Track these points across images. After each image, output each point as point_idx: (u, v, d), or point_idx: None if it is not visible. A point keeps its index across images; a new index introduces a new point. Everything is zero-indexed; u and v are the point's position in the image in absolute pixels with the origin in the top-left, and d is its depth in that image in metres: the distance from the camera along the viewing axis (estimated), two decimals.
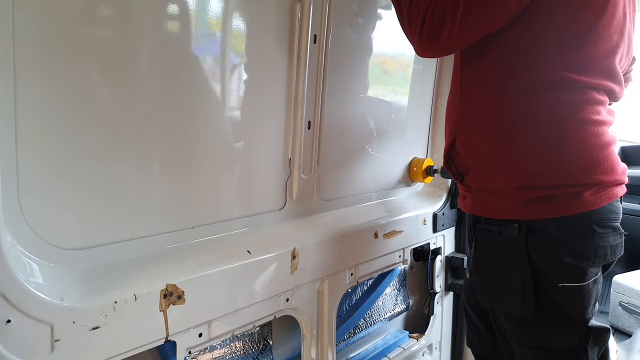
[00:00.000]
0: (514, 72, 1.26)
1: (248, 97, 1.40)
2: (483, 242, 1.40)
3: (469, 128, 1.38)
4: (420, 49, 1.27)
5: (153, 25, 1.15)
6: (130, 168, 1.16)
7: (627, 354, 2.38)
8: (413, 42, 1.27)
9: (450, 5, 1.16)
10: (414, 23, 1.23)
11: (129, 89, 1.12)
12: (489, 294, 1.41)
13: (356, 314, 1.91)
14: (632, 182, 1.50)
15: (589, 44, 1.22)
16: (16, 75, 0.93)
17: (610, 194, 1.26)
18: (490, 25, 1.21)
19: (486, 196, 1.37)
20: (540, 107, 1.24)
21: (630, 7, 1.34)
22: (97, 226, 1.12)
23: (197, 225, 1.33)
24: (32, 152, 0.98)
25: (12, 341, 0.89)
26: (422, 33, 1.22)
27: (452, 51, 1.33)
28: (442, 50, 1.28)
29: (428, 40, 1.22)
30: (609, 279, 2.88)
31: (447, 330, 2.34)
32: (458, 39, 1.21)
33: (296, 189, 1.59)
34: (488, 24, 1.20)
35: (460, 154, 1.42)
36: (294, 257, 1.46)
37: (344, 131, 1.74)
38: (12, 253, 0.92)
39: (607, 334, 1.35)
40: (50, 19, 0.98)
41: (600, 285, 1.34)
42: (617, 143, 1.33)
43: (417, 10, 1.21)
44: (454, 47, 1.28)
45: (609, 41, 1.24)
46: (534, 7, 1.18)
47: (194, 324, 1.21)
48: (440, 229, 2.16)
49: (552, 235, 1.26)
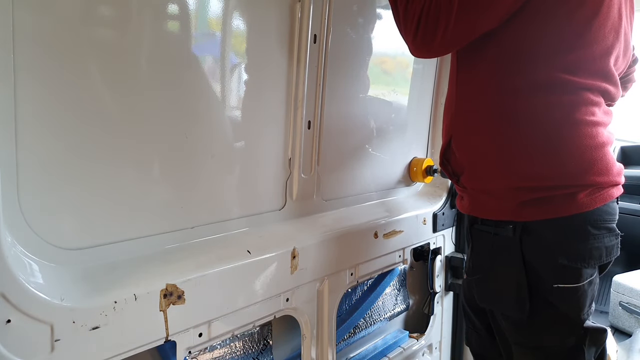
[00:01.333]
0: (508, 73, 1.26)
1: (248, 97, 1.40)
2: (479, 243, 1.41)
3: (464, 129, 1.38)
4: (415, 49, 1.27)
5: (153, 25, 1.15)
6: (130, 168, 1.16)
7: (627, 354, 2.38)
8: (408, 42, 1.27)
9: (444, 6, 1.16)
10: (409, 23, 1.23)
11: (128, 88, 1.12)
12: (486, 294, 1.42)
13: (356, 314, 1.91)
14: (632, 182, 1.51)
15: (583, 45, 1.22)
16: (16, 75, 0.93)
17: (605, 195, 1.25)
18: (485, 25, 1.21)
19: (482, 197, 1.38)
20: (535, 108, 1.24)
21: (627, 8, 1.33)
22: (97, 226, 1.12)
23: (197, 225, 1.33)
24: (32, 152, 0.98)
25: (12, 341, 0.89)
26: (417, 33, 1.21)
27: (448, 51, 1.32)
28: (437, 51, 1.28)
29: (423, 41, 1.22)
30: (609, 279, 2.88)
31: (447, 330, 2.34)
32: (453, 39, 1.21)
33: (296, 189, 1.59)
34: (483, 24, 1.20)
35: (456, 154, 1.42)
36: (294, 257, 1.47)
37: (344, 131, 1.75)
38: (12, 253, 0.92)
39: (604, 335, 1.35)
40: (50, 19, 0.98)
41: (597, 286, 1.34)
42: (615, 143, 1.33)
43: (412, 11, 1.21)
44: (449, 47, 1.28)
45: (604, 42, 1.24)
46: (528, 7, 1.18)
47: (194, 324, 1.21)
48: (440, 229, 2.16)
49: (547, 237, 1.26)
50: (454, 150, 1.42)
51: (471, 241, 1.45)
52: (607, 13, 1.22)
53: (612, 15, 1.24)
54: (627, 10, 1.33)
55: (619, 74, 1.36)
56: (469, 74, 1.35)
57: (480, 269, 1.41)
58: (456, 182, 1.47)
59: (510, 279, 1.31)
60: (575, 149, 1.23)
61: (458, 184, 1.46)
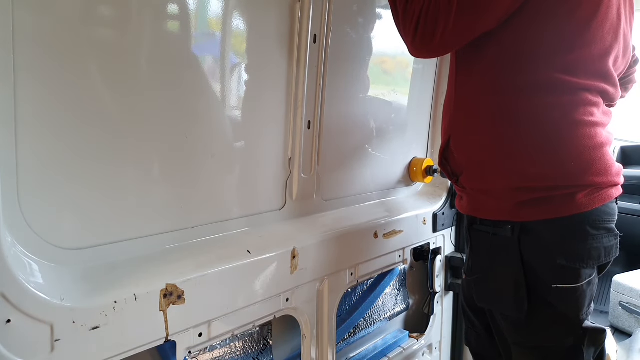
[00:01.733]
0: (507, 73, 1.26)
1: (248, 97, 1.40)
2: (478, 243, 1.41)
3: (463, 129, 1.38)
4: (414, 49, 1.27)
5: (153, 25, 1.15)
6: (130, 168, 1.16)
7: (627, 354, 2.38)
8: (407, 42, 1.27)
9: (443, 6, 1.16)
10: (408, 23, 1.23)
11: (128, 88, 1.12)
12: (484, 294, 1.42)
13: (356, 314, 1.91)
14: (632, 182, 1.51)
15: (582, 46, 1.22)
16: (16, 75, 0.93)
17: (604, 196, 1.25)
18: (484, 25, 1.21)
19: (481, 197, 1.38)
20: (533, 109, 1.24)
21: (627, 9, 1.33)
22: (97, 226, 1.12)
23: (197, 225, 1.33)
24: (32, 152, 0.98)
25: (12, 341, 0.89)
26: (416, 33, 1.21)
27: (447, 52, 1.32)
28: (436, 51, 1.28)
29: (422, 41, 1.22)
30: (609, 279, 2.88)
31: (447, 330, 2.34)
32: (451, 39, 1.21)
33: (296, 189, 1.59)
34: (481, 24, 1.20)
35: (455, 154, 1.42)
36: (294, 257, 1.47)
37: (343, 131, 1.75)
38: (12, 253, 0.92)
39: (603, 335, 1.35)
40: (50, 19, 0.98)
41: (596, 286, 1.34)
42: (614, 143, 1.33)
43: (411, 11, 1.21)
44: (448, 47, 1.28)
45: (602, 42, 1.24)
46: (528, 8, 1.18)
47: (194, 324, 1.21)
48: (440, 229, 2.16)
49: (545, 237, 1.26)
50: (452, 150, 1.43)
51: (470, 241, 1.45)
52: (605, 13, 1.22)
53: (610, 16, 1.24)
54: (627, 11, 1.33)
55: (618, 75, 1.36)
56: (469, 74, 1.35)
57: (479, 269, 1.41)
58: (455, 182, 1.47)
59: (508, 279, 1.31)
60: (574, 149, 1.23)
61: (457, 184, 1.46)
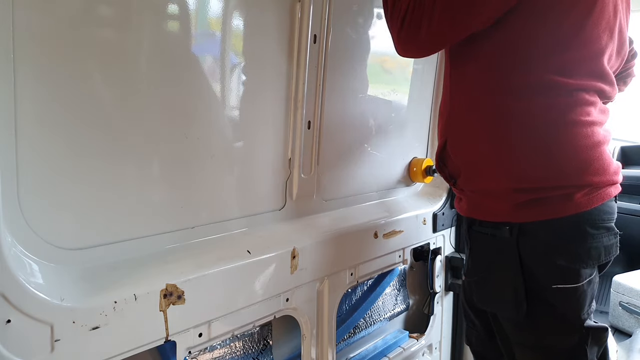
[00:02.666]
0: (502, 75, 1.25)
1: (248, 97, 1.40)
2: (477, 245, 1.41)
3: (459, 131, 1.38)
4: (400, 45, 1.26)
5: (153, 25, 1.15)
6: (130, 168, 1.16)
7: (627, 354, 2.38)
8: (394, 36, 1.26)
9: (428, 2, 1.15)
10: (395, 18, 1.22)
11: (128, 88, 1.12)
12: (483, 295, 1.42)
13: (356, 314, 1.91)
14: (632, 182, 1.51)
15: (577, 46, 1.21)
16: (16, 75, 0.93)
17: (602, 195, 1.25)
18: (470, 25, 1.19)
19: (479, 199, 1.37)
20: (529, 110, 1.23)
21: (623, 5, 1.31)
22: (97, 226, 1.12)
23: (197, 225, 1.33)
24: (32, 152, 0.98)
25: (12, 341, 0.89)
26: (402, 28, 1.20)
27: (433, 49, 1.31)
28: (421, 47, 1.26)
29: (407, 36, 1.21)
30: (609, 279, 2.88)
31: (447, 330, 2.34)
32: (436, 37, 1.20)
33: (296, 189, 1.59)
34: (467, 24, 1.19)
35: (452, 157, 1.41)
36: (293, 257, 1.47)
37: (343, 131, 1.75)
38: (12, 253, 0.92)
39: (605, 334, 1.35)
40: (50, 19, 0.98)
41: (596, 286, 1.33)
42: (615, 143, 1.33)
43: (399, 6, 1.21)
44: (434, 45, 1.26)
45: (598, 42, 1.23)
46: (522, 8, 1.16)
47: (194, 324, 1.21)
48: (440, 229, 2.16)
49: (543, 238, 1.26)
50: (449, 153, 1.41)
51: (469, 243, 1.45)
52: (601, 12, 1.21)
53: (606, 14, 1.23)
54: (623, 7, 1.31)
55: (613, 72, 1.35)
56: (462, 75, 1.34)
57: (478, 270, 1.41)
58: (453, 185, 1.46)
59: (507, 281, 1.30)
60: (571, 149, 1.23)
61: (455, 186, 1.46)
